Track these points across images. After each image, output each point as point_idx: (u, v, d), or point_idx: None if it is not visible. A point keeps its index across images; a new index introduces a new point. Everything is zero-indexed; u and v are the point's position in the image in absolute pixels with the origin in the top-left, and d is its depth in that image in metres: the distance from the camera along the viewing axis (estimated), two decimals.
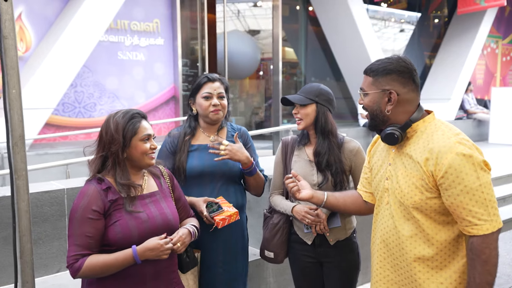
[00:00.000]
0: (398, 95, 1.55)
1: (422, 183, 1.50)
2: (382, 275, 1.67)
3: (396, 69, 1.56)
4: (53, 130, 6.49)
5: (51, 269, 2.81)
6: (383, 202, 1.65)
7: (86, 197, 1.61)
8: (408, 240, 1.55)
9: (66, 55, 5.88)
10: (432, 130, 1.55)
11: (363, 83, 1.64)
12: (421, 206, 1.51)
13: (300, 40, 9.93)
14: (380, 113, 1.59)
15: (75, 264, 1.57)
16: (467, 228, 1.45)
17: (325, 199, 1.85)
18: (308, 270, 2.23)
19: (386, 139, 1.58)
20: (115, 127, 1.66)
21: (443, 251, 1.52)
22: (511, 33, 13.56)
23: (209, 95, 2.13)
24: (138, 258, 1.60)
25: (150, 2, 7.27)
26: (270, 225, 2.24)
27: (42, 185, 2.94)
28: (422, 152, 1.51)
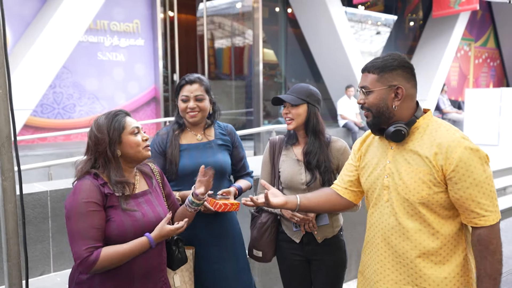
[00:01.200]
0: (404, 90, 1.58)
1: (430, 178, 1.52)
2: (383, 274, 1.66)
3: (401, 64, 1.59)
4: (32, 132, 6.36)
5: (35, 272, 2.78)
6: (382, 200, 1.65)
7: (84, 191, 1.60)
8: (413, 236, 1.56)
9: (44, 55, 5.79)
10: (434, 126, 1.58)
11: (364, 81, 1.63)
12: (428, 201, 1.53)
13: (280, 42, 10.01)
14: (387, 109, 1.59)
15: (91, 257, 1.55)
16: (475, 220, 1.50)
17: (298, 202, 1.82)
18: (296, 268, 2.27)
19: (394, 136, 1.58)
20: (98, 128, 1.67)
21: (446, 245, 1.56)
22: (483, 36, 14.00)
23: (186, 98, 2.16)
24: (153, 241, 1.66)
25: (130, 3, 7.21)
26: (259, 224, 2.26)
27: (26, 187, 2.90)
28: (429, 147, 1.54)
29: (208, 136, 2.26)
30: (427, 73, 11.42)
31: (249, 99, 8.75)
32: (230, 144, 2.31)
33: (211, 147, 2.22)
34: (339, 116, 8.80)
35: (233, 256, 2.25)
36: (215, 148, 2.23)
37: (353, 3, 10.13)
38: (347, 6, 10.43)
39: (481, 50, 14.17)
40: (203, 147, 2.21)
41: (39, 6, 6.32)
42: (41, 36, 5.76)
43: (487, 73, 14.62)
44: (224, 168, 2.22)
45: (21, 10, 6.24)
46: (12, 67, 5.65)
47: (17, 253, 1.83)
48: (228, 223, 2.26)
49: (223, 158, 2.22)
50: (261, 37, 8.44)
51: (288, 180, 2.20)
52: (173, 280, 1.97)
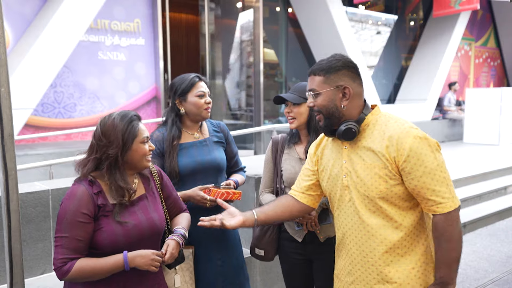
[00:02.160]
0: (351, 89, 1.62)
1: (386, 172, 1.54)
2: (355, 275, 1.67)
3: (346, 65, 1.63)
4: (32, 131, 6.36)
5: (36, 271, 2.78)
6: (345, 200, 1.67)
7: (77, 199, 1.58)
8: (378, 231, 1.59)
9: (45, 55, 5.78)
10: (383, 120, 1.62)
11: (312, 84, 1.65)
12: (386, 195, 1.56)
13: (280, 42, 10.01)
14: (336, 110, 1.62)
15: (64, 267, 1.55)
16: (433, 208, 1.52)
17: (256, 218, 1.79)
18: (298, 267, 2.27)
19: (345, 134, 1.61)
20: (113, 130, 1.63)
21: (409, 235, 1.59)
22: (483, 35, 13.99)
23: (203, 93, 2.20)
24: (127, 264, 1.59)
25: (131, 2, 7.21)
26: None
27: (26, 186, 2.90)
28: (381, 141, 1.56)
29: (204, 134, 2.29)
30: (427, 72, 11.41)
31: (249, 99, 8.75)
32: (224, 141, 2.35)
33: (207, 145, 2.25)
34: None
35: (232, 254, 2.28)
36: (211, 145, 2.26)
37: (354, 2, 10.12)
38: (347, 6, 10.42)
39: (482, 50, 14.16)
40: (200, 145, 2.24)
41: (40, 5, 6.32)
42: (42, 35, 5.75)
43: (487, 72, 14.61)
44: (221, 165, 2.26)
45: (22, 9, 6.23)
46: (13, 66, 5.66)
47: (19, 251, 1.83)
48: None
49: (219, 155, 2.26)
50: (261, 37, 8.44)
51: (290, 179, 2.20)
52: (173, 280, 1.95)
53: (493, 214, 5.42)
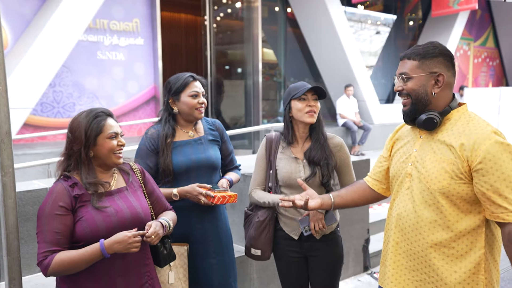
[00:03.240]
0: (445, 78, 1.58)
1: (453, 168, 1.51)
2: (395, 261, 1.68)
3: (443, 52, 1.60)
4: (32, 130, 6.38)
5: (34, 269, 2.80)
6: (404, 187, 1.65)
7: (53, 194, 1.62)
8: (427, 225, 1.56)
9: (44, 54, 5.80)
10: (467, 119, 1.58)
11: (403, 68, 1.63)
12: (448, 191, 1.52)
13: (279, 41, 10.03)
14: (426, 96, 1.59)
15: (45, 261, 1.56)
16: (502, 215, 1.46)
17: (332, 201, 1.84)
18: (295, 265, 2.28)
19: (425, 123, 1.58)
20: (77, 127, 1.67)
21: (461, 239, 1.54)
22: (482, 35, 14.02)
23: (197, 94, 2.19)
24: (105, 251, 1.57)
25: (129, 2, 7.23)
26: (257, 223, 2.25)
27: (24, 185, 2.92)
28: (457, 138, 1.53)
29: (199, 132, 2.29)
30: None
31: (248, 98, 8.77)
32: (219, 139, 2.35)
33: (201, 143, 2.25)
34: (338, 115, 8.82)
35: (225, 250, 2.29)
36: (206, 144, 2.26)
37: (352, 2, 10.14)
38: (346, 6, 10.45)
39: (480, 50, 14.19)
40: (194, 143, 2.24)
41: (39, 5, 6.33)
42: (41, 35, 5.77)
43: (486, 72, 14.64)
44: (216, 163, 2.26)
45: (21, 9, 6.25)
46: (12, 66, 5.68)
47: (17, 247, 1.85)
48: (219, 218, 2.30)
49: (214, 154, 2.26)
50: (260, 37, 8.46)
51: (286, 178, 2.21)
52: (167, 277, 1.97)
53: None
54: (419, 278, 1.62)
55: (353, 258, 3.84)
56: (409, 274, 1.64)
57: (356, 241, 3.84)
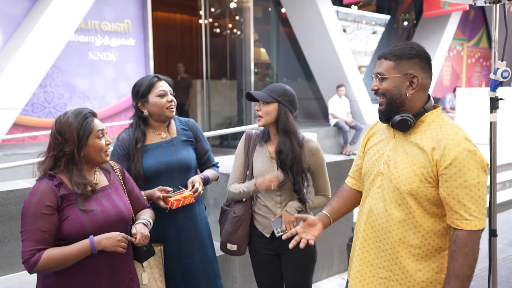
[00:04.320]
0: (420, 80, 1.58)
1: (423, 171, 1.53)
2: (362, 257, 1.71)
3: (419, 54, 1.60)
4: (22, 131, 6.39)
5: (17, 267, 2.83)
6: (375, 185, 1.68)
7: (39, 193, 1.62)
8: (396, 224, 1.59)
9: (34, 55, 5.82)
10: (440, 122, 1.59)
11: (379, 68, 1.63)
12: (416, 193, 1.54)
13: (272, 41, 10.07)
14: (400, 97, 1.59)
15: (32, 259, 1.58)
16: (457, 221, 1.49)
17: (330, 220, 1.85)
18: (267, 262, 2.32)
19: (399, 125, 1.59)
20: (68, 127, 1.67)
21: (427, 240, 1.57)
22: (475, 36, 14.09)
23: (164, 93, 2.16)
24: (95, 247, 1.63)
25: (121, 3, 7.25)
26: (233, 218, 2.28)
27: (8, 184, 2.95)
28: (429, 141, 1.54)
29: (171, 133, 2.26)
30: None
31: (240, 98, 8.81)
32: (193, 139, 2.32)
33: (173, 145, 2.22)
34: (330, 115, 8.87)
35: (202, 248, 2.28)
36: (178, 145, 2.23)
37: (344, 3, 10.18)
38: (338, 6, 10.49)
39: (474, 50, 14.26)
40: (166, 145, 2.21)
41: (29, 6, 6.36)
42: (31, 35, 5.79)
43: (480, 72, 14.71)
44: (189, 164, 2.24)
45: (12, 10, 6.27)
46: (1, 66, 5.70)
47: None
48: (195, 218, 2.29)
49: (187, 154, 2.23)
50: (252, 37, 8.49)
51: (259, 176, 2.24)
52: (141, 278, 1.97)
53: None
54: (384, 276, 1.65)
55: (338, 256, 3.88)
56: (375, 271, 1.67)
57: (340, 239, 3.88)
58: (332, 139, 8.60)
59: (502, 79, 2.18)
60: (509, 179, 6.77)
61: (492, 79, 2.22)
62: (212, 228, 3.36)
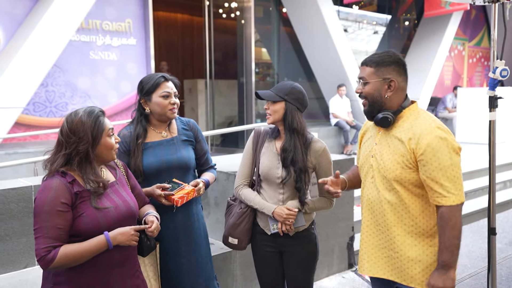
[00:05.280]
0: (397, 83, 1.84)
1: (403, 159, 1.78)
2: (365, 240, 1.98)
3: (394, 60, 1.86)
4: (24, 130, 6.42)
5: (19, 265, 2.85)
6: (369, 177, 1.95)
7: (53, 190, 1.63)
8: (389, 208, 1.85)
9: (36, 54, 5.84)
10: (416, 116, 1.84)
11: (362, 73, 1.89)
12: (401, 179, 1.80)
13: (273, 41, 10.08)
14: (380, 99, 1.86)
15: (48, 256, 1.59)
16: (437, 199, 1.74)
17: (346, 184, 2.13)
18: (269, 259, 2.34)
19: (381, 122, 1.86)
20: (82, 126, 1.69)
21: (418, 218, 1.82)
22: (477, 35, 14.07)
23: (168, 94, 2.19)
24: (111, 243, 1.68)
25: (122, 2, 7.27)
26: (237, 213, 2.31)
27: (9, 182, 2.97)
28: (406, 133, 1.80)
29: (172, 132, 2.28)
30: (420, 72, 11.49)
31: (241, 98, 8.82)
32: (193, 139, 2.34)
33: (174, 144, 2.25)
34: (331, 114, 8.87)
35: (197, 249, 2.30)
36: (178, 144, 2.26)
37: (344, 3, 10.18)
38: (339, 6, 10.50)
39: (475, 50, 14.24)
40: (167, 143, 2.23)
41: (31, 6, 6.38)
42: (32, 35, 5.82)
43: (481, 72, 14.69)
44: (188, 163, 2.26)
45: (13, 10, 6.30)
46: (3, 66, 5.72)
47: None
48: (192, 217, 2.30)
49: (186, 154, 2.26)
50: (253, 36, 8.50)
51: (265, 173, 2.26)
52: None
53: (477, 212, 5.50)
54: (387, 255, 1.90)
55: (338, 255, 3.89)
56: (379, 251, 1.93)
57: (341, 238, 3.89)
58: (333, 139, 8.61)
59: (501, 78, 2.20)
60: (509, 179, 6.76)
61: (491, 78, 2.25)
62: (213, 227, 3.38)
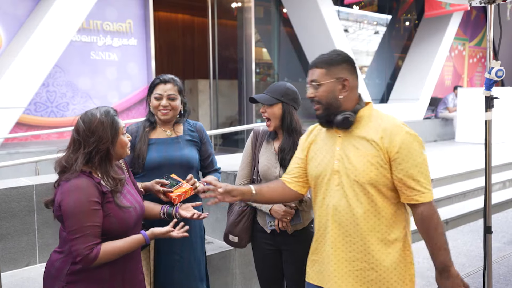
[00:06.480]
0: (350, 82, 1.75)
1: (377, 160, 1.68)
2: (334, 255, 1.78)
3: (345, 59, 1.77)
4: (25, 130, 6.45)
5: (20, 263, 2.88)
6: (333, 184, 1.77)
7: (85, 190, 1.66)
8: (362, 216, 1.71)
9: (37, 54, 5.88)
10: (378, 115, 1.77)
11: (312, 76, 1.77)
12: (375, 182, 1.69)
13: (273, 41, 10.10)
14: (335, 100, 1.74)
15: (91, 254, 1.63)
16: (416, 197, 1.67)
17: (253, 197, 1.90)
18: (269, 257, 2.36)
19: (342, 123, 1.73)
20: (101, 126, 1.72)
21: (391, 224, 1.73)
22: (477, 36, 14.07)
23: (160, 96, 2.26)
24: (148, 238, 1.80)
25: (122, 3, 7.31)
26: (238, 211, 2.34)
27: (11, 181, 3.00)
28: (375, 132, 1.70)
29: (177, 132, 2.34)
30: (420, 72, 11.50)
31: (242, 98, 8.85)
32: (198, 140, 2.39)
33: (178, 142, 2.30)
34: None
35: (191, 248, 2.32)
36: (182, 143, 2.31)
37: (344, 3, 10.20)
38: (339, 6, 10.51)
39: (476, 50, 14.24)
40: (171, 141, 2.29)
41: (32, 6, 6.42)
42: (33, 35, 5.85)
43: (481, 72, 14.69)
44: (191, 162, 2.30)
45: (15, 10, 6.34)
46: (5, 66, 5.76)
47: None
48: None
49: (189, 153, 2.30)
50: (253, 36, 8.53)
51: (264, 172, 2.29)
52: None
53: (476, 212, 5.51)
54: (359, 267, 1.74)
55: None
56: (350, 265, 1.76)
57: None
58: None
59: (497, 78, 2.22)
60: (509, 179, 6.77)
61: (487, 78, 2.26)
62: (212, 226, 3.41)
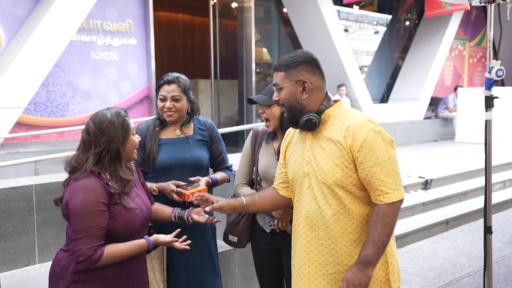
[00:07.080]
0: (311, 83, 1.71)
1: (342, 160, 1.64)
2: (307, 258, 1.75)
3: (304, 60, 1.72)
4: (25, 130, 6.46)
5: (20, 263, 2.87)
6: (304, 187, 1.76)
7: (93, 190, 1.66)
8: (332, 218, 1.67)
9: (37, 54, 5.88)
10: (344, 113, 1.71)
11: (275, 80, 1.76)
12: (342, 183, 1.64)
13: (273, 41, 10.10)
14: (297, 103, 1.71)
15: (95, 255, 1.63)
16: (379, 198, 1.61)
17: (245, 208, 1.93)
18: (268, 257, 2.36)
19: (306, 125, 1.70)
20: (112, 126, 1.72)
21: (362, 223, 1.68)
22: (477, 35, 14.07)
23: (164, 98, 2.23)
24: (151, 244, 1.79)
25: (122, 2, 7.31)
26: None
27: (10, 181, 2.99)
28: (339, 132, 1.66)
29: (186, 132, 2.32)
30: (420, 72, 11.49)
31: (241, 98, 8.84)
32: (208, 139, 2.37)
33: (188, 142, 2.28)
34: None
35: (205, 246, 2.32)
36: (192, 143, 2.29)
37: (343, 3, 10.20)
38: (340, 6, 10.51)
39: (476, 50, 14.24)
40: (181, 142, 2.27)
41: (32, 6, 6.42)
42: (33, 35, 5.85)
43: (482, 72, 14.69)
44: (200, 162, 2.29)
45: (15, 10, 6.34)
46: (4, 66, 5.76)
47: None
48: None
49: (199, 153, 2.29)
50: (253, 36, 8.53)
51: (263, 172, 2.28)
52: None
53: (476, 211, 5.50)
54: (333, 271, 1.71)
55: None
56: (323, 269, 1.72)
57: None
58: None
59: (497, 77, 2.21)
60: (509, 179, 6.77)
61: (487, 78, 2.26)
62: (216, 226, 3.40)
